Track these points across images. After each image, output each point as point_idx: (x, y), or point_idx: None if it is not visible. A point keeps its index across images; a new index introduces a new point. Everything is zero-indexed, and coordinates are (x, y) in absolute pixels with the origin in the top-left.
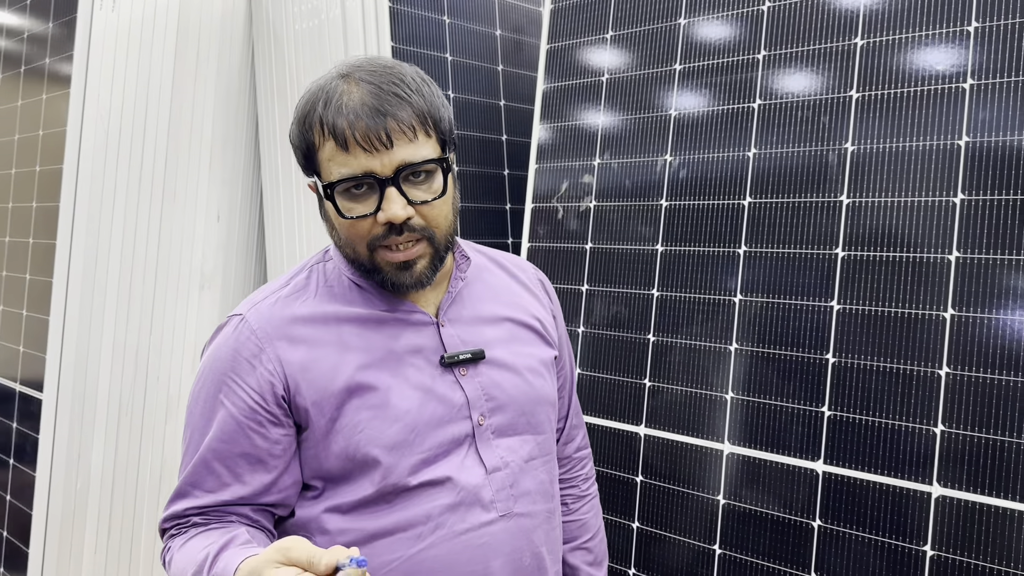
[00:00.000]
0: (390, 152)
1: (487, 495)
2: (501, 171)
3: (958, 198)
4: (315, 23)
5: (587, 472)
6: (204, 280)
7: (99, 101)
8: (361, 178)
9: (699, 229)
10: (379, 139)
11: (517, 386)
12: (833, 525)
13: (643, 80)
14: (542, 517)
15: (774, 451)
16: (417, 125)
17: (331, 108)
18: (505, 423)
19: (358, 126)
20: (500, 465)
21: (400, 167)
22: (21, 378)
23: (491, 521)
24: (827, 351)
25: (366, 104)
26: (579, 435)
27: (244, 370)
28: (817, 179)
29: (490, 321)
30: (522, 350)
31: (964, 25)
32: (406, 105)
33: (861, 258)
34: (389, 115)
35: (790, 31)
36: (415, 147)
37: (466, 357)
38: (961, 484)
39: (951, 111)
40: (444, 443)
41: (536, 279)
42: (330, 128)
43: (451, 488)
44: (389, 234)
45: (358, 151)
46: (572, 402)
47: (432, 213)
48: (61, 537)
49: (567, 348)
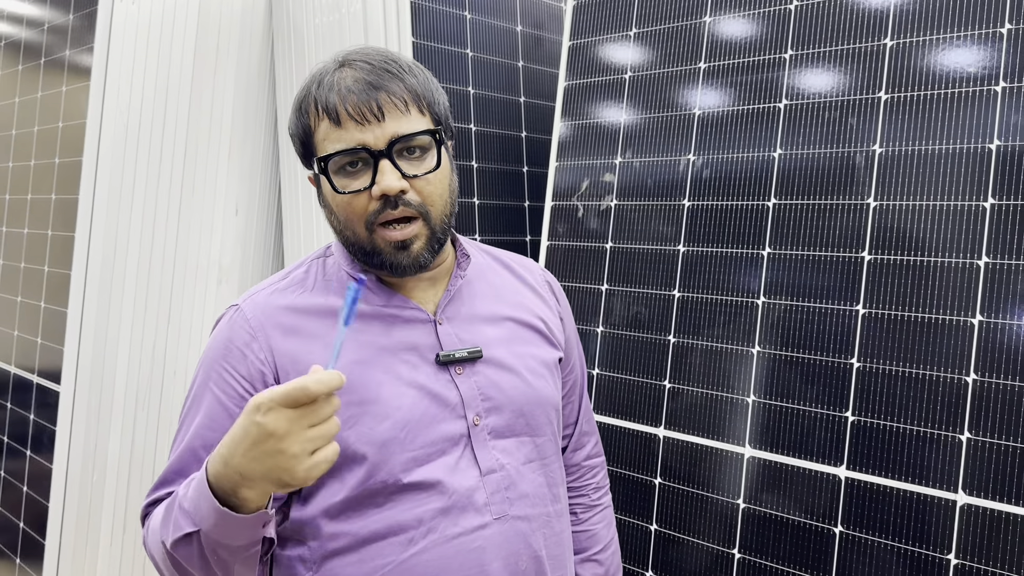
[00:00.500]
0: (382, 124)
1: (481, 498)
2: (520, 168)
3: (988, 203)
4: (335, 17)
5: (598, 481)
6: (222, 274)
7: (119, 94)
8: (354, 151)
9: (722, 230)
10: (371, 111)
11: (515, 387)
12: (855, 532)
13: (667, 78)
14: (541, 521)
15: (796, 456)
16: (409, 100)
17: (323, 87)
18: (502, 424)
19: (349, 99)
20: (495, 467)
21: (393, 139)
22: (39, 369)
23: (485, 524)
24: (852, 355)
25: (359, 79)
26: (590, 443)
27: (236, 359)
28: (844, 181)
29: (490, 320)
30: (523, 350)
31: (997, 27)
32: (397, 80)
33: (888, 262)
34: (381, 88)
35: (818, 30)
36: (408, 120)
37: (462, 356)
38: (987, 493)
39: (982, 114)
40: (437, 442)
41: (543, 280)
42: (323, 106)
43: (442, 491)
44: (384, 208)
45: (350, 124)
46: (582, 407)
47: (427, 189)
48: (77, 529)
49: (577, 352)
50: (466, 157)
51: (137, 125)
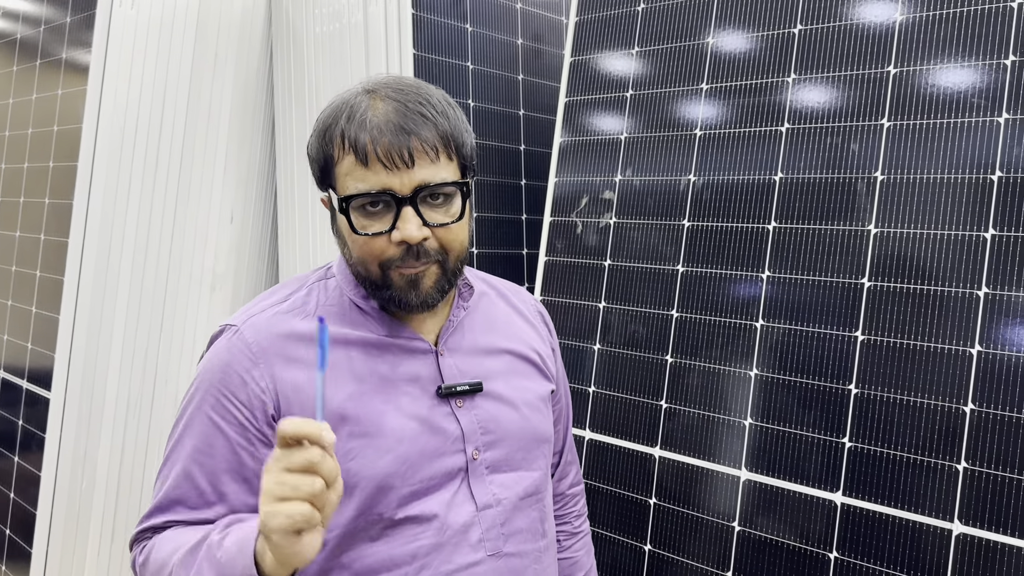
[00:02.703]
0: (411, 171)
1: (476, 534)
2: (519, 181)
3: (989, 233)
4: (336, 27)
5: (579, 509)
6: (216, 281)
7: (116, 99)
8: (378, 195)
9: (722, 251)
10: (401, 157)
11: (514, 421)
12: (850, 558)
13: (668, 97)
14: (532, 557)
15: (792, 480)
16: (440, 147)
17: (354, 122)
18: (500, 458)
19: (381, 142)
20: (492, 502)
21: (419, 187)
22: (29, 375)
23: (479, 561)
24: (850, 381)
25: (391, 121)
26: (572, 471)
27: (235, 385)
28: (845, 207)
29: (490, 352)
30: (521, 384)
31: (1001, 58)
32: (431, 125)
33: (888, 289)
34: (413, 134)
35: (821, 55)
36: (436, 168)
37: (463, 388)
38: (983, 523)
39: (985, 145)
40: (436, 476)
41: (536, 311)
42: (352, 142)
43: (437, 526)
44: (405, 256)
45: (378, 167)
46: (567, 437)
47: (448, 237)
48: (65, 537)
49: (564, 383)
50: None
51: (133, 131)
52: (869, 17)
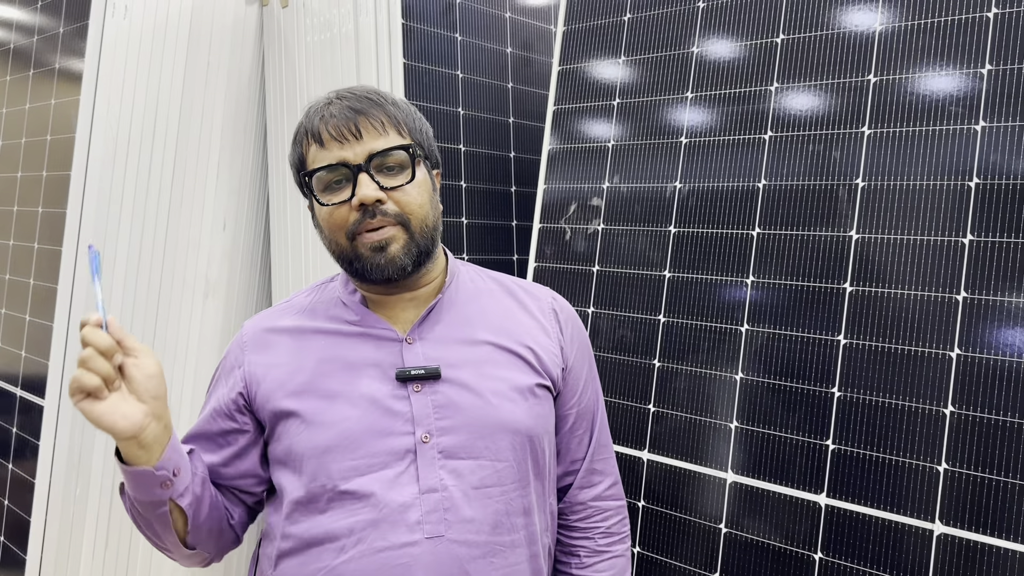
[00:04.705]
0: (361, 142)
1: (415, 515)
2: (508, 188)
3: (967, 239)
4: (327, 36)
5: (609, 527)
6: (209, 288)
7: (108, 108)
8: (334, 167)
9: (707, 257)
10: (349, 131)
11: (475, 407)
12: (835, 558)
13: (654, 105)
14: (486, 548)
15: (777, 482)
16: (388, 123)
17: (312, 117)
18: (456, 444)
19: (331, 122)
20: (437, 487)
21: (370, 155)
22: (22, 383)
23: (415, 542)
24: (833, 385)
25: (342, 108)
26: (601, 484)
27: (227, 372)
28: (827, 213)
29: (466, 342)
30: (495, 373)
31: (978, 67)
32: (378, 108)
33: (869, 293)
34: (361, 112)
35: (803, 64)
36: (385, 140)
37: (418, 373)
38: (964, 523)
39: (963, 152)
40: (379, 454)
41: (550, 308)
42: (311, 132)
43: (374, 504)
44: (363, 218)
45: (332, 144)
46: (592, 444)
47: (404, 199)
48: (59, 543)
49: (588, 386)
50: (455, 177)
51: (126, 140)
52: (850, 26)
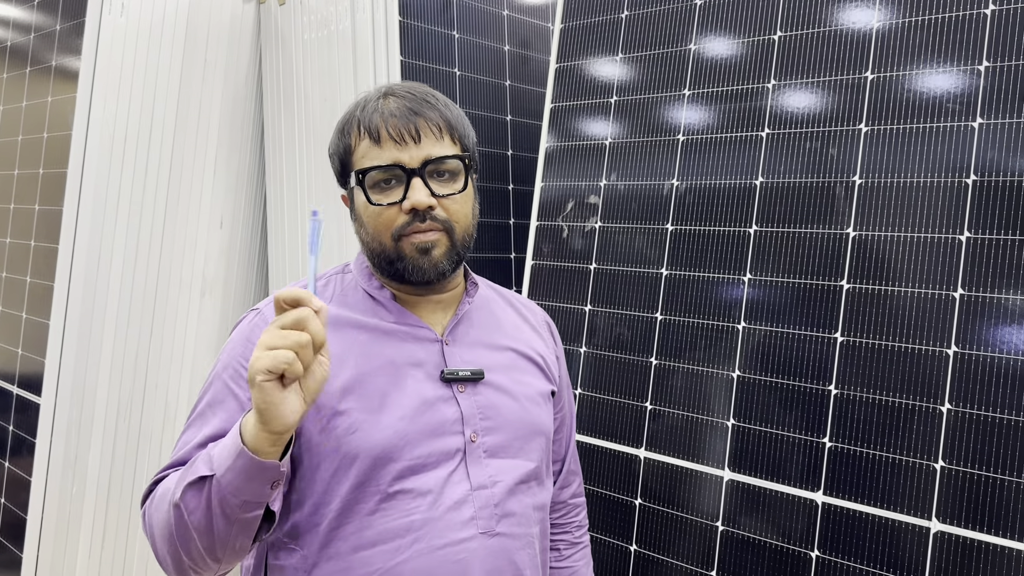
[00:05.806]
0: (418, 146)
1: (469, 512)
2: (506, 185)
3: (964, 236)
4: (324, 34)
5: (580, 520)
6: (205, 286)
7: (105, 106)
8: (389, 168)
9: (704, 255)
10: (409, 133)
11: (514, 411)
12: (831, 556)
13: (652, 103)
14: (525, 540)
15: (774, 480)
16: (444, 128)
17: (367, 111)
18: (498, 444)
19: (391, 122)
20: (487, 483)
21: (426, 160)
22: (19, 380)
23: (471, 538)
24: (830, 382)
25: (401, 107)
26: (575, 482)
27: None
28: (824, 210)
29: (493, 347)
30: (522, 378)
31: (975, 64)
32: (436, 111)
33: (866, 291)
34: (420, 115)
35: (800, 61)
36: (441, 146)
37: (465, 375)
38: (960, 521)
39: (960, 149)
40: (433, 454)
41: (544, 322)
42: (366, 126)
43: (431, 501)
44: (412, 221)
45: (389, 144)
46: (570, 447)
47: (453, 207)
48: (56, 542)
49: (568, 393)
50: None
51: (123, 137)
52: (847, 24)
